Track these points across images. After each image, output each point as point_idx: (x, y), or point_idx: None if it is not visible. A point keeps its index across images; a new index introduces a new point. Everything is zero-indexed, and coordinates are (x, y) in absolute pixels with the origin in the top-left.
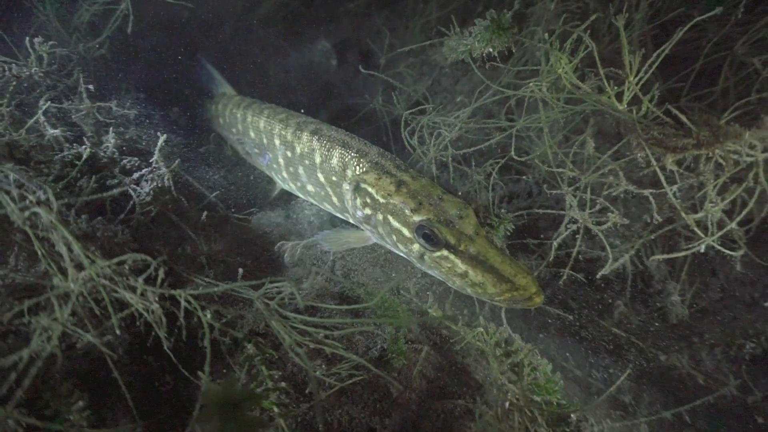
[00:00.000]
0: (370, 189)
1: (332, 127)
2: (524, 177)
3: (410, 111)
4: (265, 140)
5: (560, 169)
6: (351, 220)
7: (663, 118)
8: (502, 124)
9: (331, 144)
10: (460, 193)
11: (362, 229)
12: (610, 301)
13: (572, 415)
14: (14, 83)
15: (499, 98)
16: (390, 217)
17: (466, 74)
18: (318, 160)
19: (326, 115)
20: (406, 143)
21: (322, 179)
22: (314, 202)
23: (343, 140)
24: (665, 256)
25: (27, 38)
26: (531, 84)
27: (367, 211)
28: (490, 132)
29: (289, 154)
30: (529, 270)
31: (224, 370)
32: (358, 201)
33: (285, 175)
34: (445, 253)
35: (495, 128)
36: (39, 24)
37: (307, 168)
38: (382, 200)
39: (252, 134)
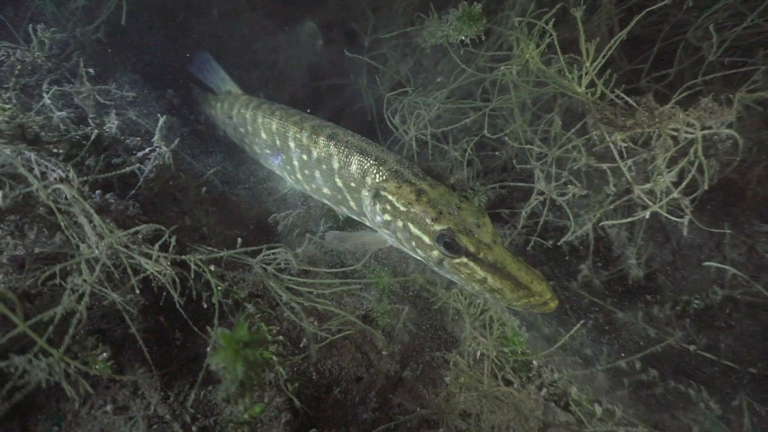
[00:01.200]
0: (390, 197)
1: (347, 131)
2: (497, 153)
3: (392, 93)
4: (278, 142)
5: (529, 146)
6: (367, 223)
7: (615, 100)
8: (476, 105)
9: (349, 150)
10: (438, 170)
11: (378, 232)
12: (575, 265)
13: (534, 362)
14: (19, 67)
15: (475, 79)
16: (410, 225)
17: (445, 56)
18: (336, 165)
19: (312, 95)
20: (388, 122)
21: (340, 184)
22: (329, 204)
23: (361, 147)
24: (613, 222)
25: (29, 25)
26: (502, 67)
27: (387, 217)
28: (467, 112)
29: (305, 157)
30: (544, 277)
31: (228, 328)
32: (378, 207)
33: (299, 177)
34: (464, 260)
35: (471, 108)
36: (35, 8)
37: (324, 172)
38: (402, 208)
39: (264, 135)
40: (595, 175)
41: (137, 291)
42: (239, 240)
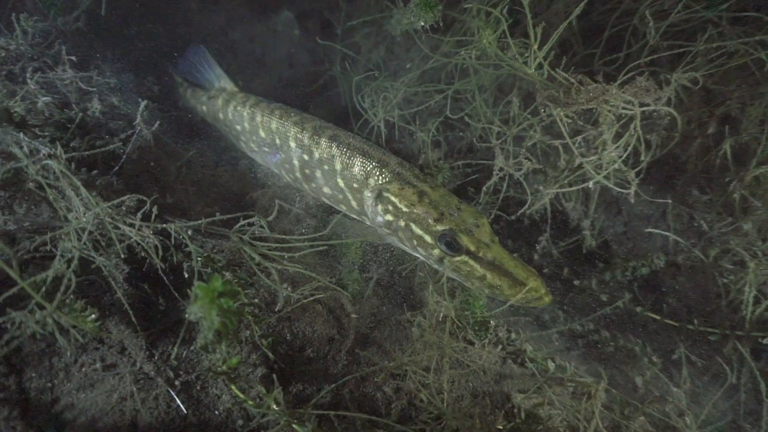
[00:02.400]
0: (393, 198)
1: (348, 132)
2: (460, 133)
3: (360, 77)
4: (278, 141)
5: (489, 126)
6: (367, 222)
7: (561, 80)
8: (440, 87)
9: (352, 152)
10: (407, 151)
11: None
12: (535, 237)
13: (491, 322)
14: (3, 54)
15: (441, 64)
16: (412, 225)
17: (416, 43)
18: (339, 167)
19: (289, 83)
20: (357, 105)
21: (342, 185)
22: (328, 203)
23: (363, 149)
24: (556, 190)
25: (11, 14)
26: (462, 52)
27: (389, 217)
28: (432, 95)
29: (306, 157)
30: (538, 274)
31: None
32: (380, 208)
33: (298, 175)
34: (465, 258)
35: (435, 91)
36: None
37: (326, 173)
38: (405, 209)
39: (262, 134)
40: (551, 153)
41: (122, 255)
42: (218, 214)
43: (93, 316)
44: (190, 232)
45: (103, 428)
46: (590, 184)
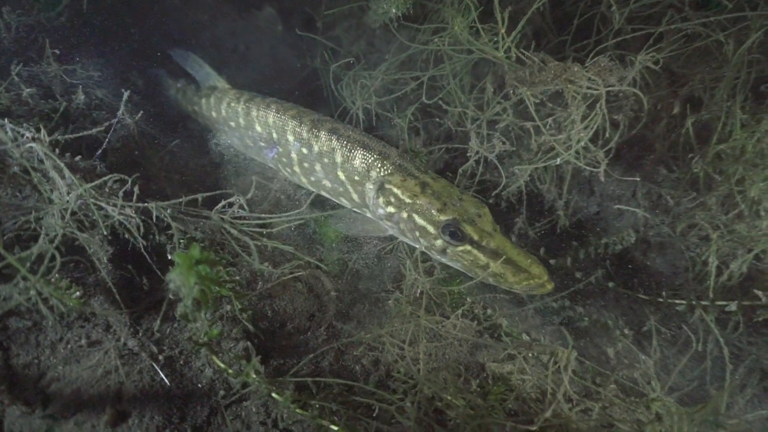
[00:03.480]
0: (395, 190)
1: (347, 126)
2: (438, 119)
3: (336, 65)
4: (275, 135)
5: (464, 110)
6: (368, 214)
7: (526, 61)
8: (415, 75)
9: (353, 145)
10: (387, 138)
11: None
12: (511, 219)
13: (467, 299)
14: None
15: (418, 52)
16: (415, 216)
17: (395, 35)
18: (339, 159)
19: (273, 77)
20: (336, 94)
21: (342, 177)
22: (328, 196)
23: (363, 141)
24: (525, 166)
25: None
26: (436, 39)
27: (391, 209)
28: (409, 82)
29: (305, 150)
30: (539, 261)
31: None
32: (381, 200)
33: (296, 169)
34: (468, 247)
35: (412, 78)
36: None
37: (326, 166)
38: (408, 200)
39: (259, 128)
40: (525, 136)
41: (105, 233)
42: (199, 198)
43: (78, 293)
44: (169, 211)
45: (89, 400)
46: (558, 161)
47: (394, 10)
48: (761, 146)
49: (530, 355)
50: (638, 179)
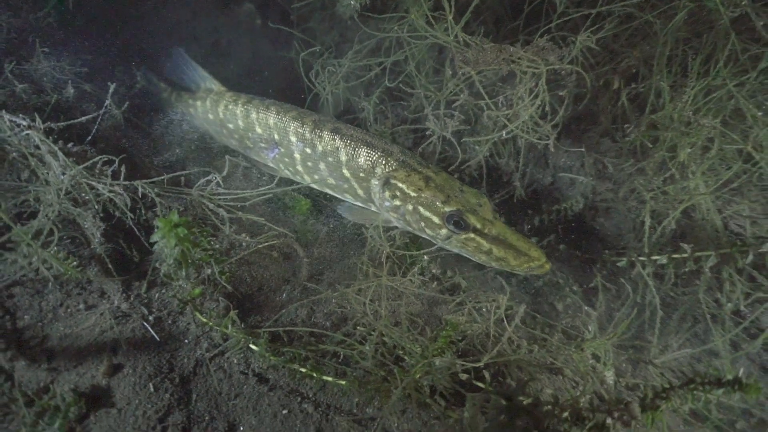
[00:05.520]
0: (401, 185)
1: (348, 125)
2: (402, 102)
3: (305, 53)
4: (276, 136)
5: (427, 92)
6: (373, 208)
7: (474, 45)
8: (379, 60)
9: (356, 144)
10: (358, 122)
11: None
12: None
13: (425, 257)
14: None
15: (383, 39)
16: (421, 208)
17: (365, 25)
18: (344, 158)
19: (252, 69)
20: (306, 81)
21: (348, 175)
22: (332, 193)
23: (366, 140)
24: (473, 138)
25: None
26: (396, 27)
27: (397, 202)
28: (374, 67)
29: (308, 151)
30: (536, 244)
31: None
32: (387, 194)
33: (299, 168)
34: (471, 235)
35: (377, 64)
36: None
37: (330, 164)
38: (413, 194)
39: (259, 130)
40: (480, 114)
41: (96, 208)
42: (182, 179)
43: (75, 263)
44: (156, 190)
45: (88, 354)
46: (503, 134)
47: (352, 3)
48: (686, 114)
49: (483, 309)
50: (584, 150)
